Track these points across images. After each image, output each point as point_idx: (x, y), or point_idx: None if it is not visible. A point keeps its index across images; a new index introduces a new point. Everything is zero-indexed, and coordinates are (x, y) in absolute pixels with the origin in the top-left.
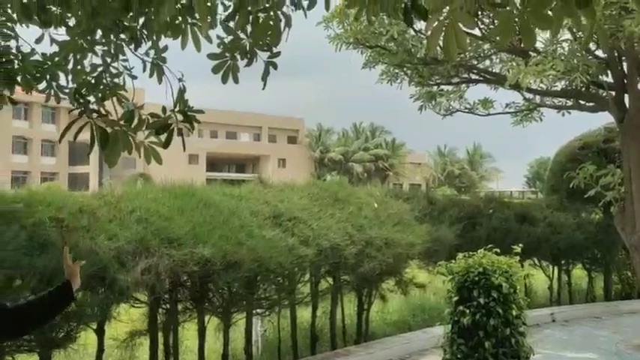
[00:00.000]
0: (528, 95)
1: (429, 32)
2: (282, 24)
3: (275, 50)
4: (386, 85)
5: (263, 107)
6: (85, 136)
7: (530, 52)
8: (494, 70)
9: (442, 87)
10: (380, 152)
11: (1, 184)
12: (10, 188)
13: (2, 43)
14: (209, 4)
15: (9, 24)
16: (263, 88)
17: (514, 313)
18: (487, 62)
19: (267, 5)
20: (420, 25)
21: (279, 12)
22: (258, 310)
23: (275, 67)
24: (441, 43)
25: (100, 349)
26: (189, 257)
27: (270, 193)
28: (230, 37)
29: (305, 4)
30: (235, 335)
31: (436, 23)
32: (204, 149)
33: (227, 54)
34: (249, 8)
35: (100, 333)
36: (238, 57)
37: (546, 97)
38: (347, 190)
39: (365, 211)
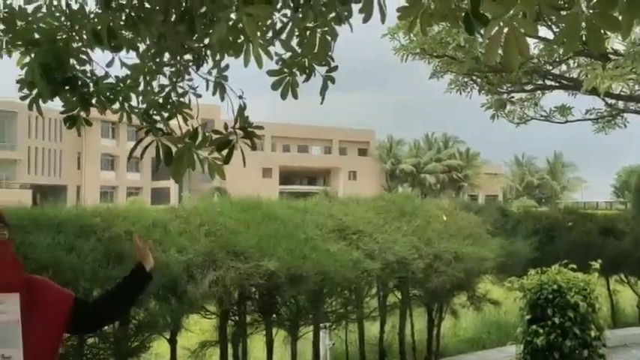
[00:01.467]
0: (611, 101)
1: (488, 40)
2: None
3: (332, 65)
4: (456, 94)
5: (334, 120)
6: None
7: (611, 55)
8: (571, 75)
9: (514, 94)
10: (453, 163)
11: (92, 199)
12: (100, 202)
13: (79, 68)
14: (260, 23)
15: (84, 49)
16: (321, 103)
17: (593, 334)
18: (564, 67)
19: (314, 22)
20: None
21: (325, 27)
22: (325, 324)
23: (333, 81)
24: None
25: (173, 358)
26: (255, 270)
27: (334, 206)
28: (288, 54)
29: (358, 16)
30: (303, 348)
31: (495, 30)
32: (277, 163)
33: (285, 70)
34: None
35: (172, 342)
36: (297, 73)
37: (630, 102)
38: (414, 203)
39: (433, 224)
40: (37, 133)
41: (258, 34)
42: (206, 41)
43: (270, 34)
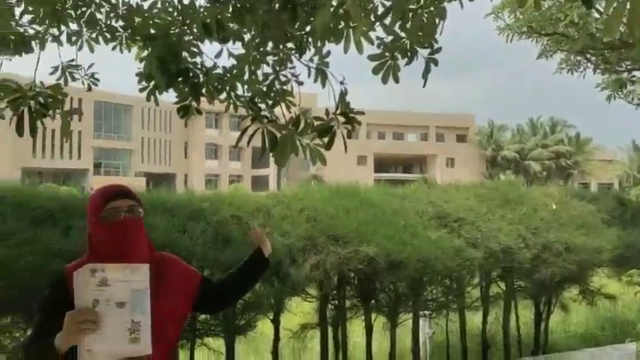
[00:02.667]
0: None
1: (609, 12)
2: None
3: (436, 47)
4: (566, 75)
5: (431, 106)
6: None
7: None
8: None
9: (635, 73)
10: (561, 149)
11: (198, 186)
12: (205, 189)
13: (190, 60)
14: (363, 5)
15: (195, 42)
16: (424, 86)
17: None
18: None
19: (417, 3)
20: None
21: (429, 7)
22: (425, 312)
23: (436, 63)
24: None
25: (276, 338)
26: (355, 255)
27: (434, 193)
28: (390, 38)
29: None
30: (402, 335)
31: (618, 2)
32: (372, 150)
33: (387, 54)
34: (405, 5)
35: (275, 323)
36: (399, 56)
37: None
38: (519, 190)
39: (541, 213)
40: (149, 125)
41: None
42: (307, 29)
43: (372, 17)
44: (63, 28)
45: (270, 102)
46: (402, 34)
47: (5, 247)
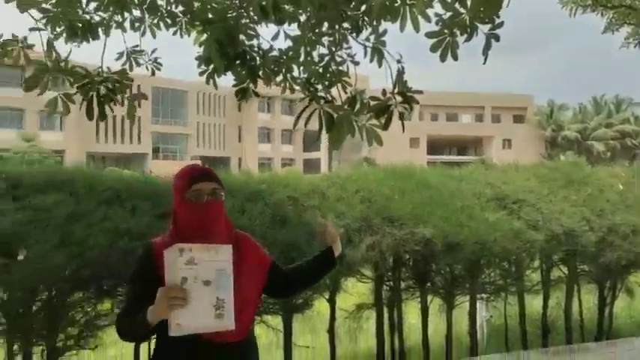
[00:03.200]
0: None
1: None
2: None
3: (497, 21)
4: (633, 50)
5: (486, 86)
6: (315, 125)
7: None
8: None
9: None
10: (627, 128)
11: (251, 169)
12: (258, 172)
13: (247, 43)
14: None
15: (251, 25)
16: (484, 63)
17: None
18: None
19: None
20: None
21: None
22: (482, 295)
23: (497, 39)
24: None
25: (332, 318)
26: (410, 237)
27: (492, 174)
28: (449, 14)
29: None
30: (459, 318)
31: None
32: (425, 132)
33: (446, 31)
34: None
35: (332, 303)
36: (457, 33)
37: None
38: (583, 171)
39: (607, 194)
40: (204, 110)
41: None
42: (362, 8)
43: None
44: (126, 14)
45: (326, 83)
46: (462, 10)
47: (79, 226)
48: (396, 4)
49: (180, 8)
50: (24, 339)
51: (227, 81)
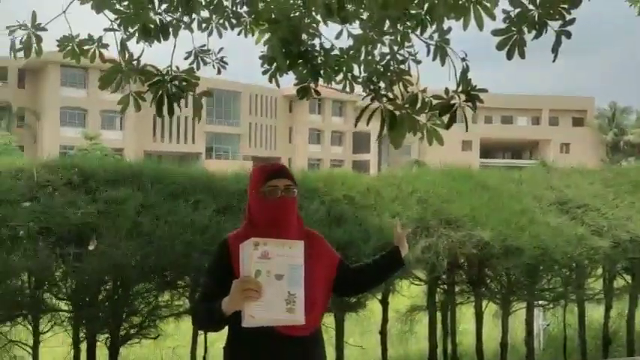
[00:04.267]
0: None
1: None
2: None
3: (568, 17)
4: None
5: (544, 89)
6: (365, 126)
7: None
8: None
9: None
10: None
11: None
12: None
13: (309, 42)
14: None
15: (313, 25)
16: (553, 60)
17: None
18: None
19: None
20: None
21: None
22: (540, 302)
23: (569, 36)
24: None
25: (385, 319)
26: (467, 239)
27: (554, 177)
28: (517, 10)
29: None
30: (514, 325)
31: None
32: (478, 135)
33: (513, 28)
34: None
35: (384, 304)
36: (525, 30)
37: None
38: None
39: None
40: (256, 111)
41: None
42: (425, 6)
43: None
44: (194, 15)
45: (387, 82)
46: (530, 7)
47: (146, 218)
48: (461, 1)
49: (245, 8)
50: (89, 327)
51: (280, 83)
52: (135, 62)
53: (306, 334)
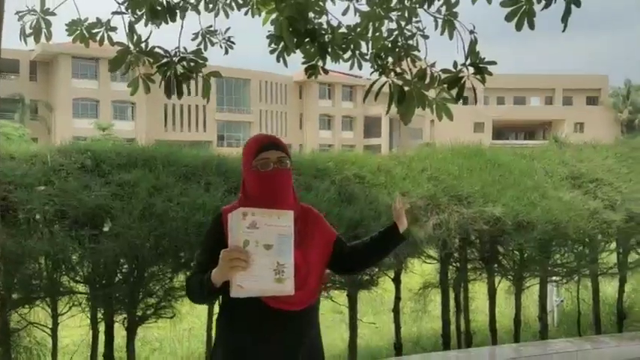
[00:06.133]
0: None
1: None
2: None
3: None
4: None
5: (557, 68)
6: (375, 110)
7: None
8: None
9: None
10: None
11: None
12: None
13: (316, 20)
14: None
15: (320, 2)
16: (563, 30)
17: None
18: None
19: None
20: None
21: None
22: (554, 278)
23: (578, 4)
24: None
25: (397, 297)
26: (479, 215)
27: (567, 152)
28: None
29: None
30: (528, 301)
31: None
32: (490, 116)
33: None
34: None
35: (396, 282)
36: (534, 1)
37: None
38: None
39: None
40: (266, 98)
41: None
42: None
43: None
44: None
45: (396, 57)
46: None
47: (159, 200)
48: None
49: None
50: (107, 308)
51: (289, 70)
52: (143, 44)
53: (298, 310)
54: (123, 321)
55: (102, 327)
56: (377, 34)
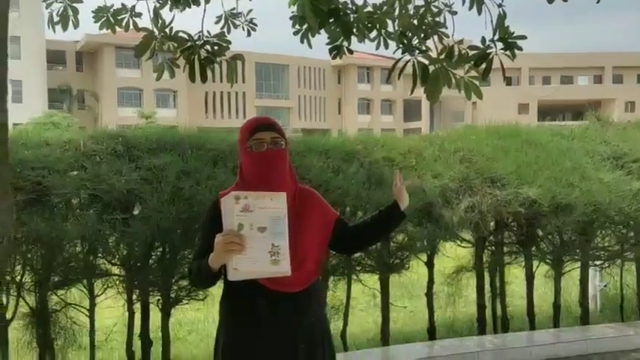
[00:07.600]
0: None
1: None
2: None
3: None
4: None
5: (605, 46)
6: (416, 93)
7: None
8: None
9: None
10: None
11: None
12: None
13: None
14: None
15: None
16: (597, 1)
17: None
18: None
19: None
20: None
21: None
22: (595, 262)
23: None
24: None
25: (430, 280)
26: (514, 197)
27: (609, 132)
28: None
29: None
30: (568, 286)
31: None
32: (536, 97)
33: None
34: None
35: (429, 266)
36: None
37: None
38: None
39: None
40: (304, 83)
41: None
42: None
43: None
44: None
45: (422, 35)
46: None
47: (187, 183)
48: None
49: None
50: (142, 289)
51: (327, 54)
52: (167, 29)
53: (297, 290)
54: (157, 302)
55: (137, 308)
56: (403, 11)
